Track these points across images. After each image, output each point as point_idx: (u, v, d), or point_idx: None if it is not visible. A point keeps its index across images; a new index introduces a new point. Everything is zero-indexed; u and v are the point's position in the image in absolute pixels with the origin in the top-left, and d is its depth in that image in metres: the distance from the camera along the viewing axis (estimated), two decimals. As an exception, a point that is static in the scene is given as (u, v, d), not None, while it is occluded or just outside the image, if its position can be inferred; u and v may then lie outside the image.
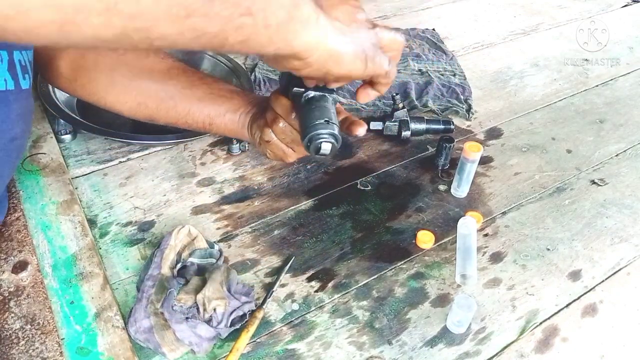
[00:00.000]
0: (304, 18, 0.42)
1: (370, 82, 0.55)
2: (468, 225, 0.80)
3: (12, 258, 0.69)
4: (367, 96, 0.57)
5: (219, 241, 0.78)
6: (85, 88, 0.67)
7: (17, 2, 0.30)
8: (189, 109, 0.68)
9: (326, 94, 0.54)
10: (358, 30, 0.49)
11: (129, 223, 0.80)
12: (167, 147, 0.93)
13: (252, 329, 0.66)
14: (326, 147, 0.52)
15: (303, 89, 0.54)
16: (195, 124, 0.69)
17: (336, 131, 0.52)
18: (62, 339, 0.62)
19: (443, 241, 0.81)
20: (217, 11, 0.37)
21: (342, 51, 0.46)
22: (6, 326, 0.61)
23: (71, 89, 0.68)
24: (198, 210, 0.83)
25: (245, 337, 0.65)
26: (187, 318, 0.64)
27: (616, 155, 1.01)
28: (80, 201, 0.81)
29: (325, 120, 0.52)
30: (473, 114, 1.08)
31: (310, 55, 0.44)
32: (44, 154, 0.86)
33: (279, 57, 0.45)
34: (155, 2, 0.34)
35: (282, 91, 0.59)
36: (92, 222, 0.79)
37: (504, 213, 0.87)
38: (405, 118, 0.99)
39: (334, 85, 0.54)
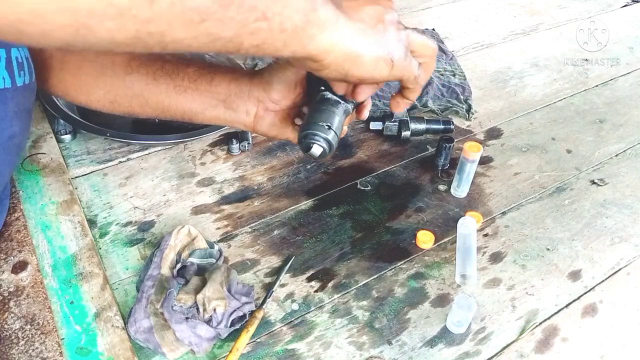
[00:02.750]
0: (321, 21, 0.42)
1: (399, 91, 0.55)
2: (468, 225, 0.80)
3: (12, 258, 0.69)
4: (398, 106, 0.57)
5: (219, 241, 0.78)
6: (58, 88, 0.67)
7: (34, 6, 0.30)
8: (162, 104, 0.65)
9: (341, 101, 0.55)
10: (384, 31, 0.48)
11: (129, 223, 0.80)
12: (167, 147, 0.93)
13: (252, 329, 0.66)
14: (316, 150, 0.53)
15: (323, 87, 0.55)
16: (182, 119, 0.66)
17: (331, 139, 0.53)
18: (62, 339, 0.62)
19: (443, 241, 0.81)
20: (232, 16, 0.37)
21: (362, 53, 0.46)
22: (6, 326, 0.61)
23: (45, 88, 0.68)
24: (198, 210, 0.83)
25: (245, 337, 0.65)
26: (187, 318, 0.64)
27: (616, 155, 1.01)
28: (80, 201, 0.81)
29: (327, 125, 0.52)
30: (473, 114, 1.08)
31: (326, 57, 0.44)
32: (44, 154, 0.86)
33: (295, 59, 0.45)
34: (169, 6, 0.34)
35: (307, 80, 0.59)
36: (92, 222, 0.79)
37: (503, 213, 0.87)
38: (405, 118, 0.99)
39: (359, 89, 0.53)
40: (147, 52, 0.46)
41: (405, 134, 0.98)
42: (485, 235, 0.83)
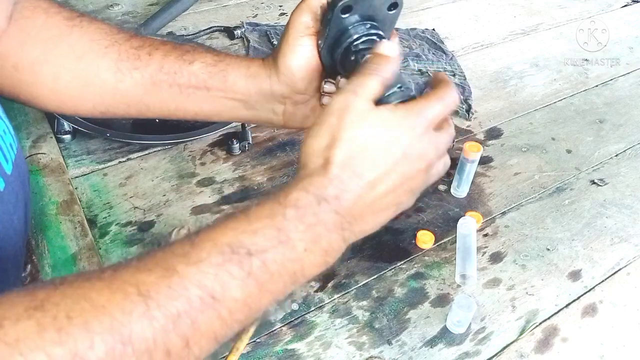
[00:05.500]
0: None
1: None
2: (468, 225, 0.80)
3: (12, 258, 0.69)
4: None
5: (219, 241, 0.78)
6: (36, 101, 0.57)
7: None
8: (168, 108, 0.56)
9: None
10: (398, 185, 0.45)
11: (129, 223, 0.80)
12: (167, 147, 0.93)
13: (252, 329, 0.66)
14: None
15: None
16: (194, 119, 0.59)
17: (413, 92, 0.46)
18: (61, 339, 0.62)
19: (443, 241, 0.81)
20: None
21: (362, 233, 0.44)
22: (6, 326, 0.61)
23: (24, 102, 0.57)
24: (198, 210, 0.83)
25: (245, 337, 0.65)
26: (186, 318, 0.64)
27: (616, 155, 1.01)
28: (80, 201, 0.81)
29: (399, 87, 0.45)
30: (473, 114, 1.08)
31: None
32: (44, 154, 0.86)
33: None
34: None
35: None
36: (91, 222, 0.79)
37: (503, 213, 0.87)
38: (405, 118, 0.98)
39: None
40: None
41: (405, 134, 0.98)
42: (485, 235, 0.83)
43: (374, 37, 0.48)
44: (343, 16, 0.46)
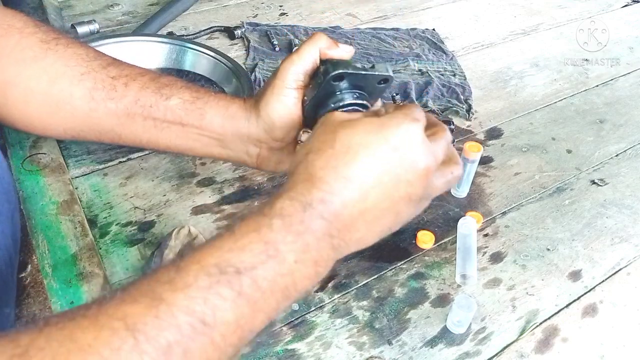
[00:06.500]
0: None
1: None
2: (468, 225, 0.80)
3: (12, 258, 0.69)
4: None
5: (219, 241, 0.78)
6: (6, 121, 0.57)
7: None
8: (140, 140, 0.56)
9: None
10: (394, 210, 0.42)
11: (129, 223, 0.80)
12: (167, 147, 0.93)
13: (252, 329, 0.66)
14: None
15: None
16: (166, 151, 0.59)
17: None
18: (62, 339, 0.62)
19: (443, 241, 0.81)
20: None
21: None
22: (6, 326, 0.61)
23: None
24: (198, 210, 0.83)
25: (245, 337, 0.65)
26: (187, 318, 0.64)
27: (616, 156, 1.01)
28: (80, 201, 0.81)
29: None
30: (473, 114, 1.08)
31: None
32: (44, 154, 0.86)
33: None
34: None
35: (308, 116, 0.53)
36: (92, 222, 0.79)
37: (504, 213, 0.87)
38: (405, 118, 0.98)
39: None
40: None
41: (406, 134, 0.98)
42: (486, 235, 0.83)
43: (358, 108, 0.50)
44: (334, 83, 0.49)
